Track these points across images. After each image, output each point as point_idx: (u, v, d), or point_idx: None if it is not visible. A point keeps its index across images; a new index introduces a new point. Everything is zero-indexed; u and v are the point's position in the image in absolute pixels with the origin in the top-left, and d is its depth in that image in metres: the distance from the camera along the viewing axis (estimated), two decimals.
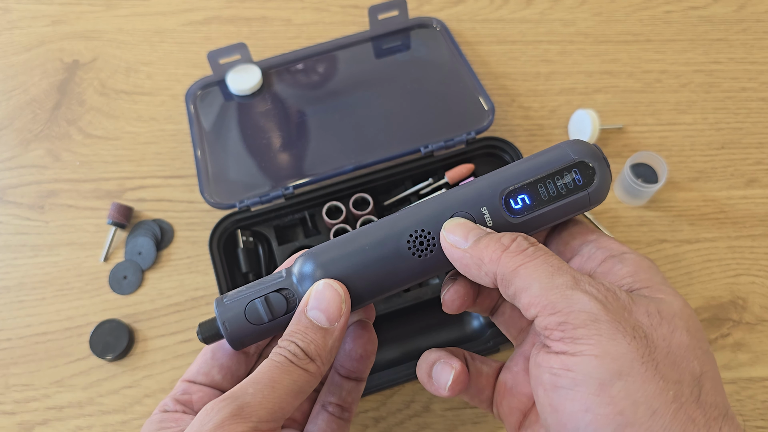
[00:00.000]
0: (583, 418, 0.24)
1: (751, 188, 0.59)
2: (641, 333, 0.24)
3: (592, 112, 0.59)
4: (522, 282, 0.26)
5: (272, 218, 0.56)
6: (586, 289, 0.25)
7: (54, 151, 0.64)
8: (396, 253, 0.29)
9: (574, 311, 0.25)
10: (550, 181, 0.29)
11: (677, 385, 0.24)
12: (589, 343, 0.24)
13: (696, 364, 0.25)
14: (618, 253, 0.29)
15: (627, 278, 0.28)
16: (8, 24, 0.73)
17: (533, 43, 0.68)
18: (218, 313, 0.30)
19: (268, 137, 0.59)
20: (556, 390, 0.25)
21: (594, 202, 0.30)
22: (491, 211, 0.29)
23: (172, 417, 0.30)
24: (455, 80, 0.61)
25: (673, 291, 0.27)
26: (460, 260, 0.28)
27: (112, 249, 0.58)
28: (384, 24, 0.65)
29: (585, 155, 0.30)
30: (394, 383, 0.49)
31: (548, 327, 0.25)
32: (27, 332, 0.55)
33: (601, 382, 0.23)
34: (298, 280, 0.30)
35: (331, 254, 0.29)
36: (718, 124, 0.62)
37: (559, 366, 0.25)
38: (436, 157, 0.56)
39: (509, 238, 0.27)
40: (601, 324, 0.24)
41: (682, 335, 0.25)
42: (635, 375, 0.23)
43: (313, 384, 0.28)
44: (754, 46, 0.67)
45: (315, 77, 0.63)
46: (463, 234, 0.28)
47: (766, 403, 0.49)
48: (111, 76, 0.68)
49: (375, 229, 0.30)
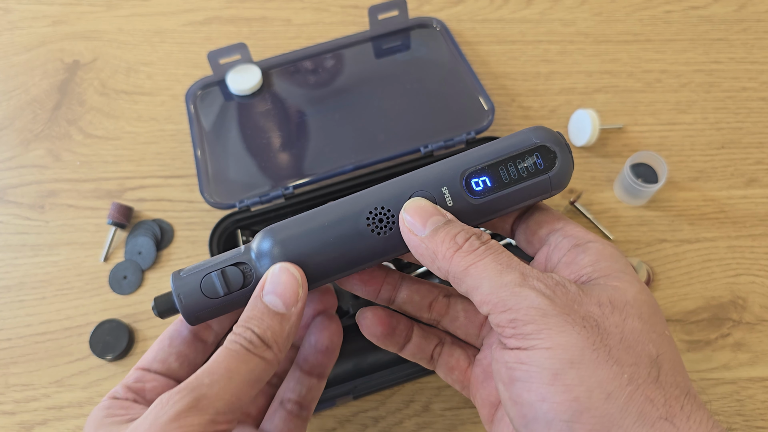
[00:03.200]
0: (540, 408, 0.24)
1: (752, 188, 0.59)
2: (592, 322, 0.25)
3: (592, 112, 0.59)
4: (473, 281, 0.27)
5: (272, 218, 0.56)
6: (533, 285, 0.26)
7: (54, 151, 0.64)
8: (355, 230, 0.29)
9: (523, 308, 0.25)
10: (511, 163, 0.30)
11: (633, 368, 0.24)
12: (539, 337, 0.25)
13: (651, 347, 0.25)
14: (583, 242, 0.29)
15: (588, 267, 0.28)
16: (9, 24, 0.73)
17: (533, 43, 0.68)
18: (174, 287, 0.29)
19: (268, 137, 0.59)
20: (513, 383, 0.25)
21: (555, 186, 0.30)
22: (452, 191, 0.29)
23: (121, 404, 0.29)
24: (455, 80, 0.61)
25: (630, 278, 0.28)
26: (416, 248, 0.28)
27: (112, 249, 0.58)
28: (384, 24, 0.65)
29: (547, 140, 0.30)
30: (394, 383, 0.49)
31: (500, 324, 0.26)
32: (27, 332, 0.55)
33: (554, 372, 0.24)
34: (256, 256, 0.30)
35: (290, 231, 0.29)
36: (718, 124, 0.62)
37: (513, 360, 0.25)
38: (436, 157, 0.56)
39: (463, 236, 0.28)
40: (550, 318, 0.25)
41: (634, 321, 0.25)
42: (587, 362, 0.24)
43: (269, 372, 0.28)
44: (755, 46, 0.67)
45: (315, 77, 0.63)
46: (421, 219, 0.28)
47: (766, 403, 0.49)
48: (111, 77, 0.68)
49: (336, 206, 0.30)
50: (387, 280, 0.34)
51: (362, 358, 0.51)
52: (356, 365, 0.51)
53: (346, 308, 0.52)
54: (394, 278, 0.34)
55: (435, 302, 0.35)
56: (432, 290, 0.35)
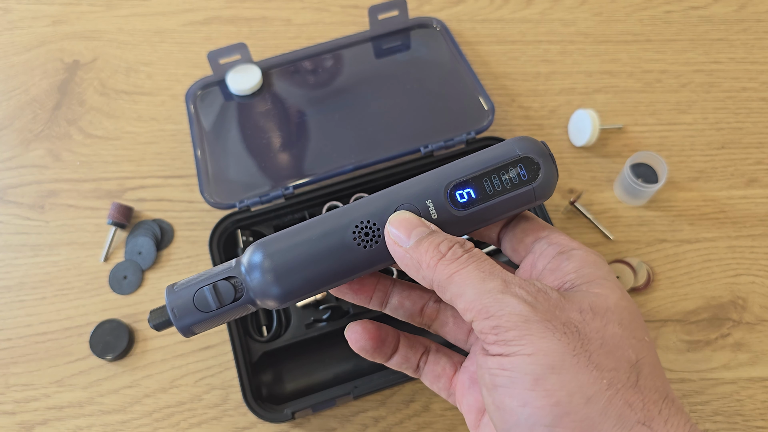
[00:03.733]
0: (522, 413, 0.25)
1: (751, 188, 0.59)
2: (573, 328, 0.25)
3: (592, 112, 0.59)
4: (456, 288, 0.27)
5: (272, 218, 0.56)
6: (515, 292, 0.26)
7: (54, 151, 0.64)
8: (342, 243, 0.30)
9: (506, 314, 0.25)
10: (495, 175, 0.30)
11: (612, 373, 0.24)
12: (521, 343, 0.25)
13: (631, 353, 0.25)
14: (567, 249, 0.30)
15: (571, 274, 0.29)
16: (9, 24, 0.73)
17: (533, 43, 0.68)
18: (168, 301, 0.30)
19: (268, 137, 0.59)
20: (496, 389, 0.26)
21: (540, 196, 0.31)
22: (436, 204, 0.30)
23: None
24: (455, 80, 0.61)
25: (612, 285, 0.28)
26: (401, 259, 0.29)
27: (112, 249, 0.58)
28: (384, 24, 0.65)
29: (530, 151, 0.30)
30: (394, 383, 0.49)
31: (483, 331, 0.26)
32: (27, 332, 0.55)
33: (535, 377, 0.24)
34: (246, 270, 0.30)
35: (279, 244, 0.30)
36: (718, 124, 0.62)
37: (496, 366, 0.26)
38: (436, 157, 0.56)
39: (447, 244, 0.28)
40: (531, 324, 0.25)
41: (614, 327, 0.26)
42: (568, 367, 0.24)
43: None
44: (755, 46, 0.67)
45: (315, 77, 0.63)
46: (406, 231, 0.29)
47: (766, 403, 0.49)
48: (111, 76, 0.68)
49: (323, 220, 0.31)
50: (378, 286, 0.34)
51: (362, 358, 0.51)
52: (356, 365, 0.51)
53: (346, 308, 0.52)
54: (386, 284, 0.34)
55: (426, 307, 0.35)
56: (423, 296, 0.35)
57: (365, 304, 0.34)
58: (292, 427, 0.50)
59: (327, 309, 0.52)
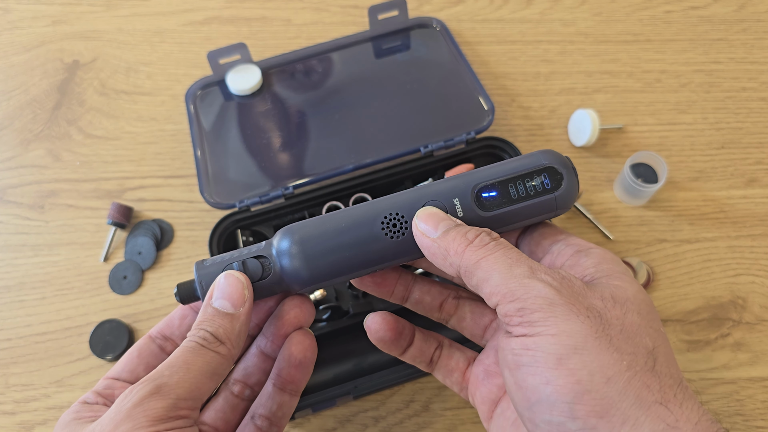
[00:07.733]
0: (544, 390, 0.25)
1: (751, 188, 0.59)
2: (595, 313, 0.26)
3: (592, 112, 0.59)
4: (483, 273, 0.28)
5: (272, 218, 0.56)
6: (541, 278, 0.27)
7: (54, 151, 0.64)
8: (370, 232, 0.31)
9: (531, 297, 0.27)
10: (520, 182, 0.32)
11: (631, 356, 0.26)
12: (545, 324, 0.26)
13: (648, 340, 0.27)
14: (585, 248, 0.31)
15: (590, 269, 0.30)
16: (8, 24, 0.73)
17: (533, 43, 0.68)
18: (197, 275, 0.32)
19: (268, 137, 0.59)
20: (519, 368, 0.27)
21: (561, 206, 0.32)
22: (463, 203, 0.31)
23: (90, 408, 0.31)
24: (455, 80, 0.61)
25: (630, 279, 0.29)
26: (429, 249, 0.30)
27: (112, 249, 0.58)
28: (384, 24, 0.65)
29: (555, 162, 0.32)
30: (394, 383, 0.49)
31: (508, 314, 0.27)
32: (27, 332, 0.55)
33: (559, 357, 0.25)
34: (276, 252, 0.32)
35: (309, 230, 0.31)
36: (718, 124, 0.62)
37: (519, 347, 0.27)
38: (435, 157, 0.56)
39: (474, 233, 0.29)
40: (556, 307, 0.26)
41: (633, 316, 0.27)
42: (590, 348, 0.25)
43: (225, 366, 0.30)
44: (755, 46, 0.67)
45: (315, 77, 0.63)
46: (433, 224, 0.30)
47: (766, 403, 0.49)
48: (111, 76, 0.68)
49: (353, 210, 0.32)
50: (400, 281, 0.35)
51: (362, 358, 0.51)
52: (356, 365, 0.51)
53: (346, 308, 0.52)
54: (407, 279, 0.36)
55: (445, 303, 0.36)
56: (443, 291, 0.36)
57: (386, 297, 0.36)
58: (291, 427, 0.50)
59: (327, 309, 0.52)
